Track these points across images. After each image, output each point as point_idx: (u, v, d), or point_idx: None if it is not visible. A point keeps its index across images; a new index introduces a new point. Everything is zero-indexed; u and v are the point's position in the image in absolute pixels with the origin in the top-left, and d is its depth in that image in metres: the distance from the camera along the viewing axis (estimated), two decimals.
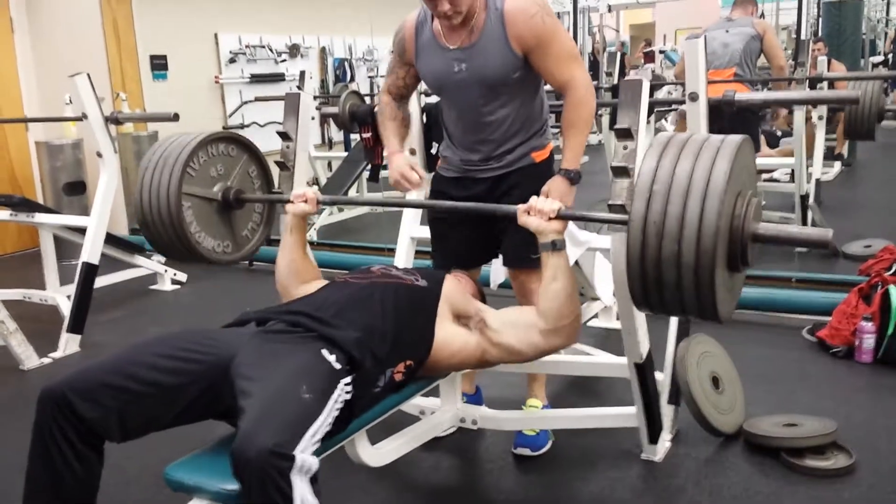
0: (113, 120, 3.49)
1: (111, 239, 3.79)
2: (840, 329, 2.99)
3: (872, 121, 4.15)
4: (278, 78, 6.95)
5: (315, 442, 1.40)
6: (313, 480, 1.34)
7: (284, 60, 7.08)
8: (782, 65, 4.67)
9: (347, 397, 1.56)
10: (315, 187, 2.12)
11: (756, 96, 3.75)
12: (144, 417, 1.53)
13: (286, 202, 2.12)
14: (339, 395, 1.53)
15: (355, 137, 5.91)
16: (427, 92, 3.73)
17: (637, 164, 1.73)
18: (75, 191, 5.28)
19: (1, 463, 2.31)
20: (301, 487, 1.31)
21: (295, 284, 2.08)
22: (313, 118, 5.76)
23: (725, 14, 4.98)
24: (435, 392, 2.22)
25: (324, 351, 1.58)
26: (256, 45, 6.81)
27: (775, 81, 4.78)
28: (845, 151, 7.41)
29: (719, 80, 4.29)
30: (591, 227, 3.97)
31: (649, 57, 12.68)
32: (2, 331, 3.11)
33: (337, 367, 1.56)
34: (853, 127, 4.33)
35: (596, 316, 3.30)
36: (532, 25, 2.02)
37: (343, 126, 5.32)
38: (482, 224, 2.25)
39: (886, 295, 2.90)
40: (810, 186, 4.60)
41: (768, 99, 3.92)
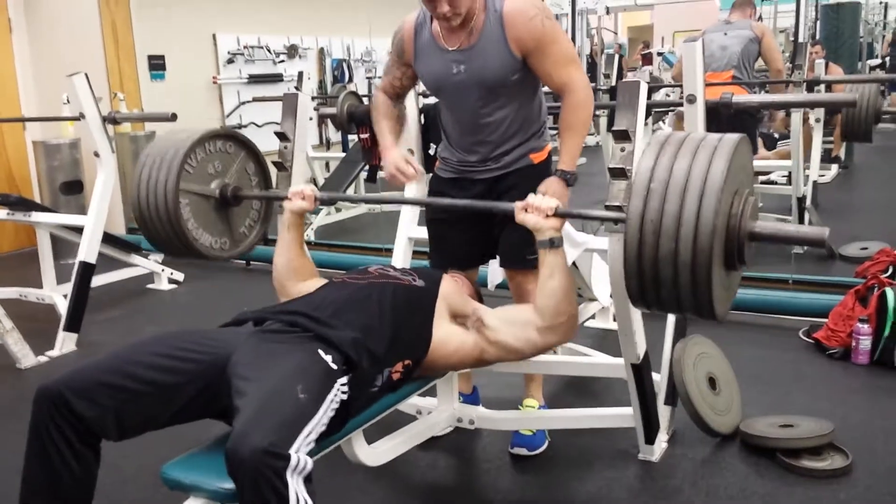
0: (110, 120, 3.49)
1: (108, 238, 3.78)
2: (836, 331, 3.00)
3: (869, 122, 4.15)
4: (276, 78, 6.94)
5: (310, 442, 1.40)
6: (308, 480, 1.34)
7: (283, 61, 7.08)
8: (780, 68, 4.68)
9: (344, 397, 1.56)
10: (312, 185, 2.12)
11: (753, 99, 3.76)
12: (141, 416, 1.53)
13: (284, 199, 2.12)
14: (336, 396, 1.53)
15: (353, 138, 5.90)
16: (425, 93, 3.73)
17: (634, 164, 1.74)
18: (72, 190, 5.28)
19: None
20: (296, 487, 1.31)
21: (292, 282, 2.08)
22: (311, 119, 5.76)
23: (724, 17, 4.98)
24: (432, 392, 2.23)
25: (320, 351, 1.58)
26: (254, 46, 6.81)
27: (773, 84, 4.78)
28: (842, 154, 7.41)
29: (717, 83, 4.29)
30: (589, 229, 3.98)
31: (647, 59, 12.68)
32: None
33: (333, 368, 1.56)
34: (850, 129, 4.33)
35: (593, 317, 3.31)
36: (531, 28, 2.01)
37: (341, 127, 5.32)
38: (480, 225, 2.26)
39: (883, 297, 2.91)
40: (807, 189, 4.60)
41: (765, 101, 3.92)
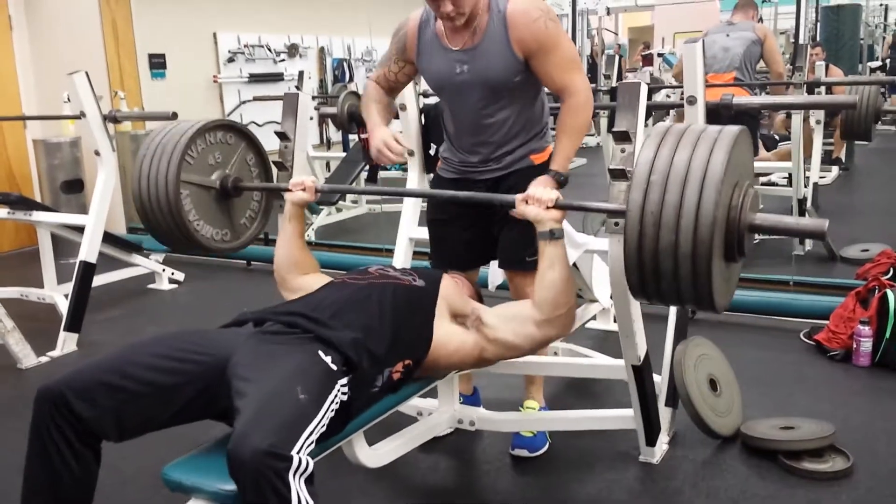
0: (111, 118, 3.49)
1: (109, 237, 3.78)
2: (837, 332, 3.00)
3: (869, 121, 4.16)
4: (277, 78, 6.94)
5: (311, 443, 1.39)
6: (310, 481, 1.33)
7: (283, 60, 7.07)
8: (781, 72, 4.68)
9: (344, 398, 1.56)
10: (313, 177, 2.12)
11: (754, 100, 3.76)
12: (141, 417, 1.53)
13: (285, 190, 2.13)
14: (336, 397, 1.52)
15: (353, 138, 5.91)
16: (426, 93, 3.73)
17: (635, 156, 1.73)
18: (73, 189, 5.28)
19: None
20: (298, 488, 1.30)
21: (293, 275, 2.08)
22: (312, 118, 5.75)
23: (725, 18, 4.98)
24: (433, 393, 2.22)
25: (320, 352, 1.58)
26: (255, 45, 6.80)
27: (773, 86, 4.78)
28: (843, 156, 7.42)
29: (719, 84, 4.30)
30: (589, 230, 3.98)
31: (648, 60, 12.68)
32: (0, 329, 3.12)
33: (333, 369, 1.56)
34: (850, 128, 4.34)
35: (594, 318, 3.30)
36: (534, 30, 2.01)
37: (341, 126, 5.31)
38: (480, 225, 2.25)
39: (884, 299, 2.90)
40: (808, 190, 4.60)
41: (766, 103, 3.93)
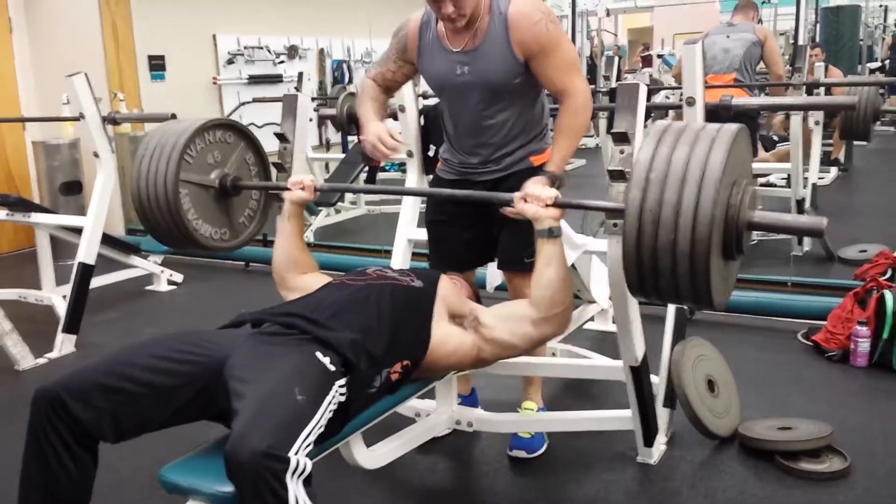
0: (110, 120, 3.49)
1: (107, 239, 3.78)
2: (835, 333, 3.00)
3: (868, 122, 4.16)
4: (276, 79, 6.93)
5: (309, 444, 1.39)
6: (308, 483, 1.33)
7: (283, 62, 7.07)
8: (780, 74, 4.69)
9: (342, 399, 1.56)
10: (312, 176, 2.12)
11: (753, 101, 3.76)
12: (138, 418, 1.53)
13: (283, 189, 2.13)
14: (334, 397, 1.52)
15: (353, 139, 5.91)
16: (425, 94, 3.73)
17: (634, 151, 1.73)
18: (72, 191, 5.27)
19: None
20: (295, 490, 1.30)
21: (292, 274, 2.08)
22: (311, 120, 5.76)
23: (725, 19, 4.99)
24: (430, 394, 2.23)
25: (318, 353, 1.58)
26: (255, 47, 6.80)
27: (773, 87, 4.79)
28: (842, 157, 7.42)
29: (719, 85, 4.31)
30: (588, 231, 3.98)
31: (647, 61, 12.68)
32: None
33: (331, 370, 1.56)
34: (849, 128, 4.35)
35: (592, 319, 3.30)
36: (535, 32, 2.01)
37: (341, 128, 5.31)
38: (479, 226, 2.26)
39: (882, 299, 2.91)
40: (806, 191, 4.61)
41: (765, 104, 3.93)
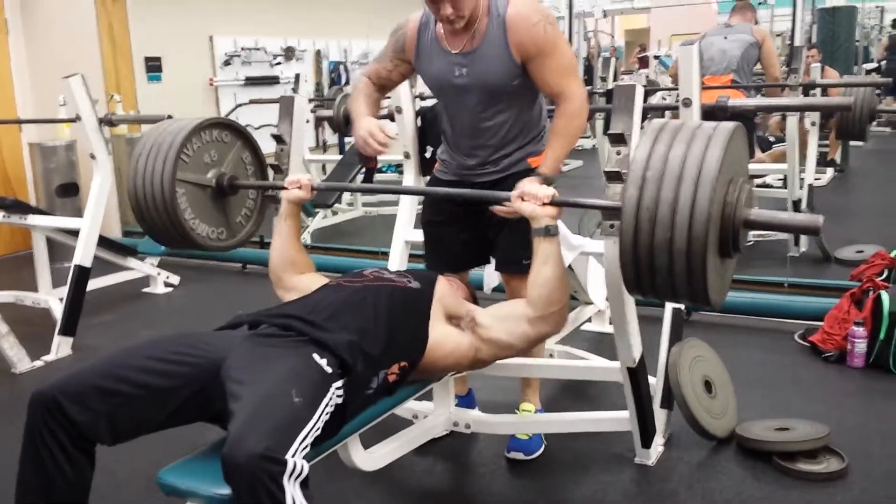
0: (107, 122, 3.48)
1: (104, 241, 3.77)
2: (832, 334, 3.00)
3: (864, 122, 4.18)
4: (273, 81, 6.93)
5: (306, 446, 1.39)
6: (305, 485, 1.33)
7: (279, 63, 7.07)
8: (777, 76, 4.71)
9: (339, 401, 1.56)
10: (308, 175, 2.13)
11: (749, 102, 3.76)
12: (135, 420, 1.53)
13: (280, 188, 2.13)
14: (331, 399, 1.52)
15: (350, 141, 5.91)
16: (422, 95, 3.73)
17: (631, 151, 1.74)
18: (68, 193, 5.26)
19: None
20: (293, 492, 1.30)
21: (289, 274, 2.08)
22: (308, 121, 5.77)
23: (722, 20, 5.00)
24: (428, 396, 2.22)
25: (315, 355, 1.57)
26: (251, 48, 6.80)
27: (769, 88, 4.80)
28: (838, 157, 7.44)
29: (716, 86, 4.31)
30: (585, 232, 3.99)
31: (644, 62, 12.71)
32: None
33: (328, 371, 1.56)
34: (845, 128, 4.36)
35: (589, 320, 3.31)
36: (534, 34, 2.01)
37: (338, 129, 5.33)
38: (476, 227, 2.26)
39: (878, 300, 2.91)
40: (803, 192, 4.62)
41: (761, 105, 3.93)
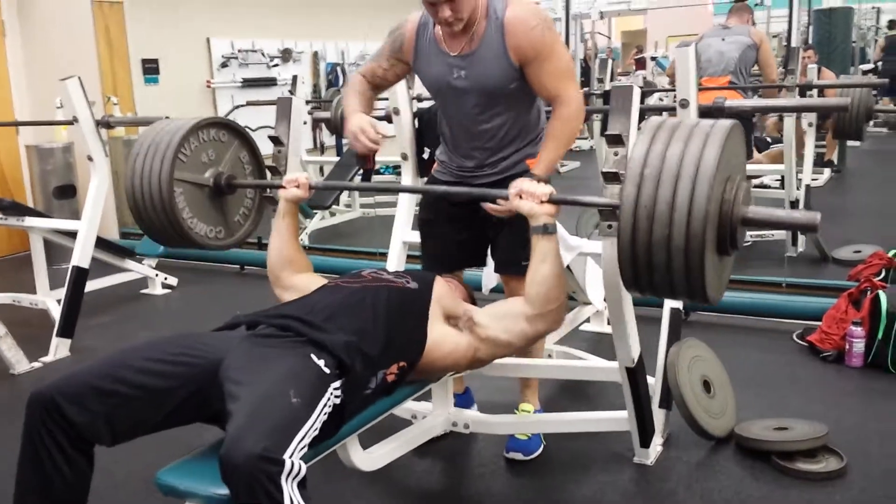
0: (104, 124, 3.48)
1: (102, 243, 3.77)
2: (830, 333, 3.01)
3: (861, 121, 4.19)
4: (270, 82, 6.94)
5: (304, 447, 1.39)
6: (302, 485, 1.33)
7: (277, 65, 7.08)
8: (774, 78, 4.73)
9: (337, 401, 1.56)
10: (306, 174, 2.13)
11: (746, 103, 3.77)
12: (133, 421, 1.52)
13: (278, 187, 2.13)
14: (329, 400, 1.52)
15: (347, 142, 5.91)
16: (420, 97, 3.73)
17: (629, 149, 1.74)
18: (66, 194, 5.26)
19: None
20: (290, 492, 1.30)
21: (287, 273, 2.08)
22: (305, 123, 5.75)
23: (718, 22, 5.02)
24: (426, 396, 2.22)
25: (313, 355, 1.57)
26: (248, 50, 6.81)
27: (766, 89, 4.81)
28: (835, 158, 7.45)
29: (713, 87, 4.32)
30: (583, 233, 3.99)
31: (641, 63, 12.74)
32: None
33: (326, 372, 1.56)
34: (842, 128, 4.37)
35: (587, 320, 3.31)
36: (531, 38, 2.01)
37: (335, 131, 5.31)
38: (473, 227, 2.25)
39: (876, 300, 2.91)
40: (800, 192, 4.62)
41: (758, 106, 3.94)
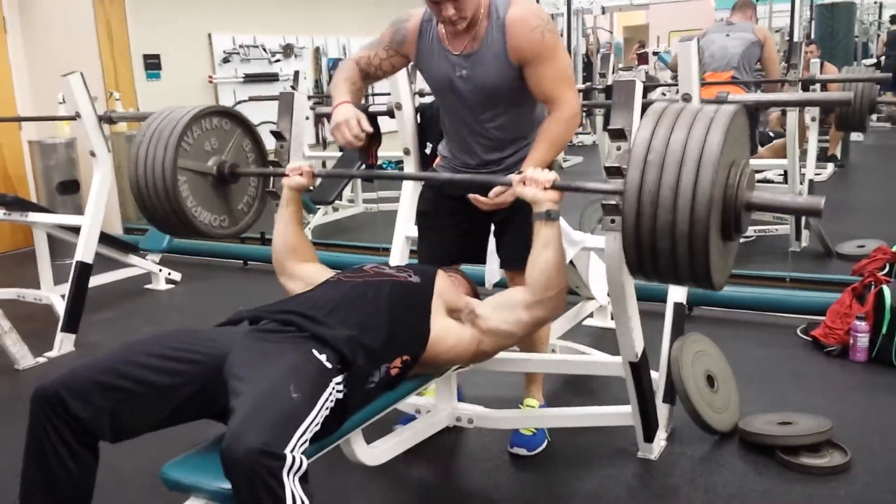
0: (106, 119, 3.48)
1: (105, 238, 3.77)
2: (834, 328, 3.00)
3: (864, 113, 4.18)
4: (272, 78, 6.93)
5: (305, 441, 1.39)
6: (304, 479, 1.33)
7: (278, 60, 7.07)
8: (777, 76, 4.72)
9: (339, 396, 1.56)
10: (310, 162, 2.13)
11: (748, 97, 3.76)
12: (137, 417, 1.52)
13: (281, 175, 2.13)
14: (331, 395, 1.52)
15: None
16: (421, 92, 3.73)
17: (632, 136, 1.74)
18: (69, 190, 5.27)
19: None
20: (292, 487, 1.30)
21: (292, 261, 2.09)
22: (307, 118, 5.75)
23: (720, 17, 5.03)
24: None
25: (314, 350, 1.57)
26: (250, 45, 6.80)
27: (768, 84, 4.81)
28: (838, 153, 7.44)
29: (717, 82, 4.32)
30: (586, 228, 3.99)
31: (643, 58, 12.72)
32: None
33: (328, 367, 1.56)
34: (845, 120, 4.36)
35: (591, 315, 3.31)
36: (532, 39, 2.00)
37: None
38: (473, 221, 2.24)
39: (880, 294, 2.91)
40: (803, 187, 4.62)
41: (761, 100, 3.93)
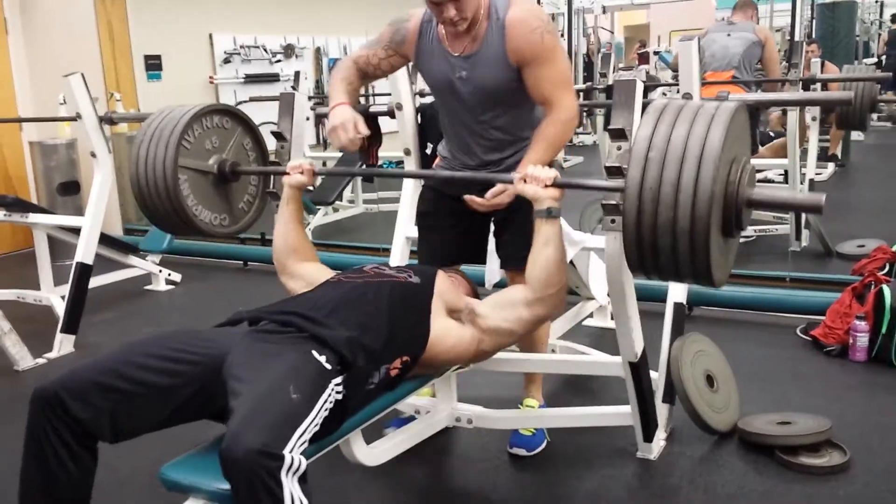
0: (107, 120, 3.48)
1: (105, 239, 3.77)
2: (834, 328, 3.00)
3: (865, 111, 4.18)
4: (273, 78, 6.93)
5: (304, 442, 1.39)
6: (303, 480, 1.34)
7: (279, 61, 7.07)
8: (778, 76, 4.72)
9: (339, 397, 1.56)
10: (310, 159, 2.14)
11: (749, 97, 3.76)
12: (136, 417, 1.53)
13: (282, 174, 2.13)
14: (330, 395, 1.52)
15: None
16: (422, 92, 3.73)
17: (633, 132, 1.74)
18: (69, 191, 5.27)
19: None
20: (290, 487, 1.30)
21: (293, 261, 2.09)
22: (308, 118, 5.75)
23: (721, 16, 5.03)
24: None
25: (314, 351, 1.57)
26: (251, 46, 6.80)
27: (769, 83, 4.82)
28: (839, 152, 7.43)
29: (718, 82, 4.33)
30: (586, 228, 3.99)
31: (644, 58, 12.71)
32: None
33: (327, 368, 1.56)
34: (846, 118, 4.36)
35: (591, 315, 3.31)
36: (531, 40, 2.00)
37: None
38: (473, 222, 2.24)
39: (880, 294, 2.91)
40: (804, 187, 4.61)
41: (761, 100, 3.93)
